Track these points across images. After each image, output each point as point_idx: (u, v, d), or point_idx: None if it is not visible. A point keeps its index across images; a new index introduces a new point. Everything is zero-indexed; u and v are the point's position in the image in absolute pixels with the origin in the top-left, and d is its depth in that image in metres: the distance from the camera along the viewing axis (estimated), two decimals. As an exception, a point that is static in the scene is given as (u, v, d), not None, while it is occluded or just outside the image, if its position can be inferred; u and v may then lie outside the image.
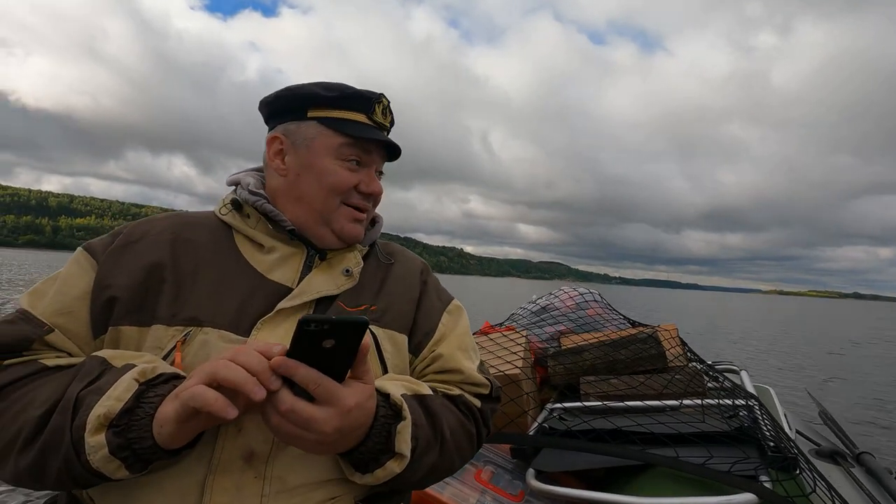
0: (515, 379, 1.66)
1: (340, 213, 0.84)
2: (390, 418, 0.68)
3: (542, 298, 2.25)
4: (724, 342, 13.89)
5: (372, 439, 0.65)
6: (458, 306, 0.97)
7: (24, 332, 0.70)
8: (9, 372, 0.67)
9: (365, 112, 0.84)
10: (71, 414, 0.60)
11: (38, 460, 0.61)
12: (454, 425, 0.79)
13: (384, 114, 0.87)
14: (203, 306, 0.73)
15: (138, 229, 0.80)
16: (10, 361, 0.68)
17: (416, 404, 0.73)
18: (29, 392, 0.65)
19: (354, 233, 0.86)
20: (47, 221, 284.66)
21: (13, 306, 2.87)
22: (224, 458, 0.65)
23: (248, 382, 0.54)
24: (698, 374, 1.69)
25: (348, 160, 0.83)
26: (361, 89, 0.86)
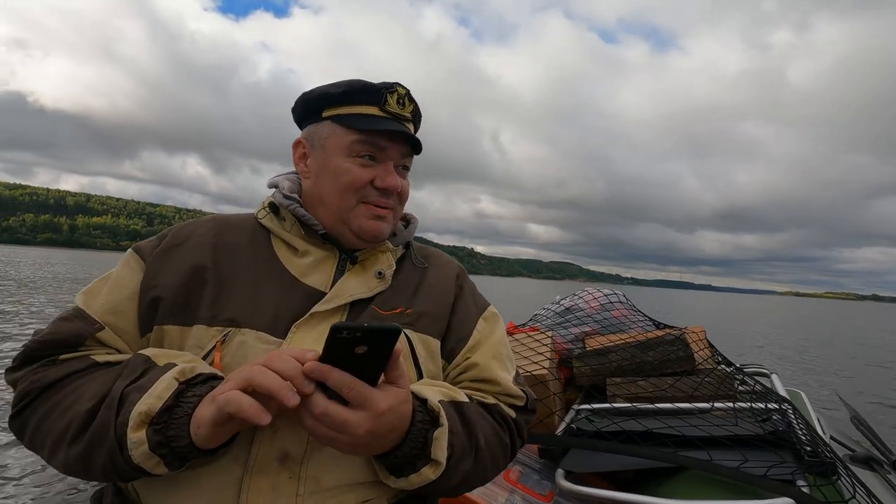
0: (542, 379, 1.65)
1: (358, 211, 0.82)
2: (427, 424, 0.68)
3: (566, 299, 2.24)
4: (744, 344, 13.68)
5: (408, 444, 0.66)
6: (494, 313, 0.95)
7: (78, 329, 0.73)
8: (63, 366, 0.70)
9: (376, 104, 0.81)
10: (115, 410, 0.63)
11: (86, 452, 0.63)
12: (489, 434, 0.79)
13: (400, 103, 0.82)
14: (241, 308, 0.75)
15: (182, 232, 0.83)
16: (65, 356, 0.71)
17: (453, 411, 0.73)
18: (80, 387, 0.68)
19: (373, 230, 0.82)
20: (65, 220, 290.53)
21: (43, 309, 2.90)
22: (260, 458, 0.67)
23: (281, 388, 0.55)
24: (728, 377, 1.67)
25: (361, 156, 0.81)
26: (374, 81, 0.83)
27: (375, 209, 0.82)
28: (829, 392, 6.33)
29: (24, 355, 0.72)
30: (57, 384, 0.69)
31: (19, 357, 0.72)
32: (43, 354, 0.72)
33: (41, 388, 0.69)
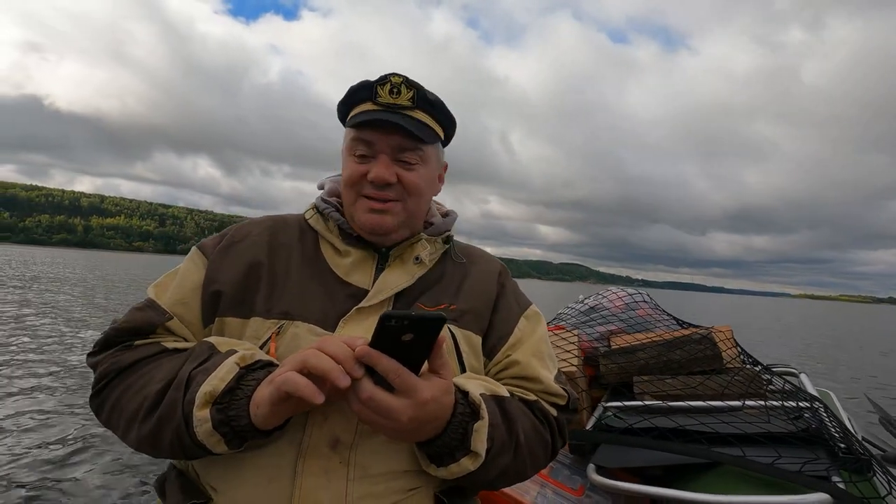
0: (571, 377, 1.67)
1: (358, 205, 0.84)
2: (468, 416, 0.70)
3: (591, 298, 2.25)
4: (766, 346, 13.52)
5: (449, 434, 0.68)
6: (536, 312, 0.96)
7: (150, 318, 0.79)
8: (138, 351, 0.76)
9: (369, 99, 0.81)
10: (183, 390, 0.67)
11: (156, 429, 0.68)
12: (529, 430, 0.80)
13: (394, 92, 0.81)
14: (293, 303, 0.79)
15: (241, 231, 0.88)
16: (139, 342, 0.77)
17: (494, 405, 0.75)
18: (151, 370, 0.73)
19: (371, 223, 0.83)
20: (79, 221, 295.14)
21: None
22: (312, 443, 0.70)
23: (333, 370, 0.58)
24: (757, 376, 1.68)
25: (358, 153, 0.83)
26: (367, 80, 0.82)
27: (371, 203, 0.82)
28: (857, 394, 6.24)
29: (104, 341, 0.78)
30: (131, 367, 0.74)
31: (99, 342, 0.79)
32: (119, 340, 0.78)
33: (118, 371, 0.74)
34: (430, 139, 0.83)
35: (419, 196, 0.85)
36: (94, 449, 3.45)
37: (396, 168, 0.82)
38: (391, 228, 0.84)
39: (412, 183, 0.83)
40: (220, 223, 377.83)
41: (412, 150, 0.82)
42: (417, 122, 0.82)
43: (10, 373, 5.43)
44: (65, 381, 4.99)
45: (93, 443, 3.53)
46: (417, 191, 0.84)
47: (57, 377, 5.12)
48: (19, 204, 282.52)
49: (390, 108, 0.80)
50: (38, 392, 4.80)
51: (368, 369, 0.60)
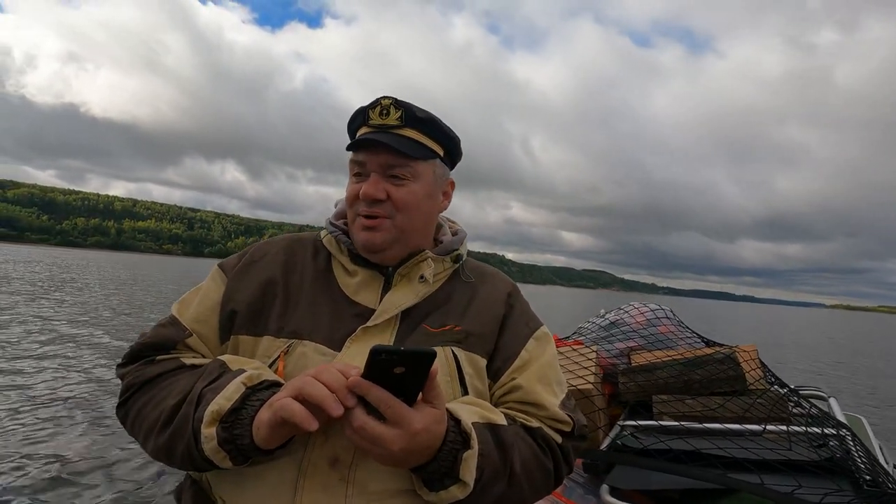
0: (588, 394, 1.66)
1: (355, 224, 0.87)
2: (458, 444, 0.70)
3: (612, 313, 2.23)
4: (793, 361, 13.04)
5: (437, 461, 0.69)
6: (545, 333, 0.94)
7: (171, 334, 0.84)
8: (159, 366, 0.80)
9: (364, 123, 0.86)
10: (194, 407, 0.71)
11: (169, 442, 0.72)
12: (528, 458, 0.79)
13: (383, 113, 0.84)
14: (303, 322, 0.82)
15: (260, 250, 0.92)
16: (161, 357, 0.82)
17: (487, 434, 0.74)
18: (170, 384, 0.77)
19: (363, 240, 0.85)
20: (112, 224, 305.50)
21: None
22: (312, 461, 0.72)
23: (327, 399, 0.61)
24: (782, 398, 1.63)
25: (354, 174, 0.87)
26: (367, 103, 0.87)
27: (364, 220, 0.85)
28: (894, 420, 5.95)
29: (130, 354, 0.84)
30: (153, 381, 0.79)
31: (127, 355, 0.84)
32: (144, 354, 0.83)
33: (141, 384, 0.79)
34: (418, 154, 0.85)
35: (409, 211, 0.86)
36: (125, 453, 3.60)
37: (386, 185, 0.84)
38: (382, 245, 0.85)
39: (401, 199, 0.84)
40: (245, 227, 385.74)
41: (401, 167, 0.84)
42: (405, 139, 0.84)
43: (57, 377, 5.66)
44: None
45: (128, 447, 3.68)
46: (407, 206, 0.85)
47: (98, 384, 5.35)
48: (57, 207, 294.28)
49: (380, 128, 0.84)
50: (78, 391, 5.00)
51: (362, 398, 0.62)
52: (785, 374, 3.88)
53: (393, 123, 0.84)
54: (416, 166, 0.85)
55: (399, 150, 0.83)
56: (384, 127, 0.84)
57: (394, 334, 0.83)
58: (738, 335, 22.31)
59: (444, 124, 0.89)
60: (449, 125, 0.90)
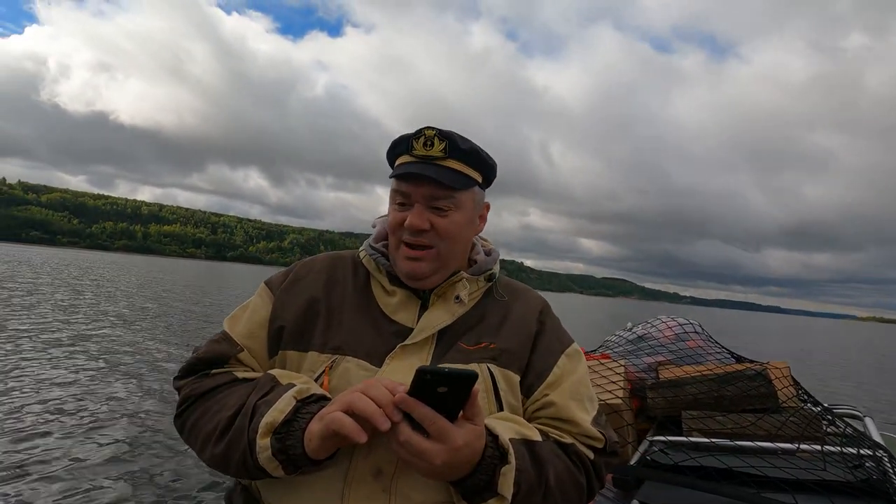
0: (616, 409, 1.66)
1: (399, 252, 0.90)
2: (496, 459, 0.73)
3: (639, 327, 2.22)
4: (826, 377, 12.61)
5: (477, 475, 0.72)
6: (577, 350, 0.97)
7: (224, 350, 0.89)
8: (214, 379, 0.86)
9: (407, 152, 0.89)
10: (249, 418, 0.75)
11: (225, 451, 0.77)
12: (562, 473, 0.81)
13: (427, 145, 0.87)
14: (346, 338, 0.86)
15: (304, 269, 0.97)
16: (215, 371, 0.87)
17: (523, 450, 0.77)
18: (224, 397, 0.82)
19: (407, 269, 0.89)
20: (139, 228, 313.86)
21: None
22: (357, 472, 0.77)
23: (375, 414, 0.65)
24: (815, 417, 1.61)
25: (397, 202, 0.90)
26: (407, 133, 0.89)
27: (408, 250, 0.88)
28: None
29: (187, 368, 0.89)
30: (208, 393, 0.84)
31: (183, 369, 0.90)
32: (199, 368, 0.88)
33: (197, 396, 0.84)
34: (461, 185, 0.88)
35: (452, 240, 0.90)
36: (178, 460, 3.78)
37: (430, 215, 0.87)
38: (426, 273, 0.89)
39: (444, 229, 0.88)
40: (266, 232, 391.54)
41: (444, 199, 0.87)
42: (449, 170, 0.87)
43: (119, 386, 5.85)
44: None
45: (181, 454, 3.85)
46: (450, 236, 0.89)
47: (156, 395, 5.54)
48: (88, 211, 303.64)
49: (424, 159, 0.87)
50: (139, 400, 5.17)
51: (407, 414, 0.66)
52: (816, 390, 3.76)
53: (437, 155, 0.87)
54: (459, 196, 0.89)
55: (444, 184, 0.86)
56: (428, 158, 0.87)
57: (431, 352, 0.87)
58: (765, 347, 21.73)
59: (484, 152, 0.92)
60: (475, 139, 0.92)
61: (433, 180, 0.85)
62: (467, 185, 0.90)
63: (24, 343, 7.38)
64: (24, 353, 6.77)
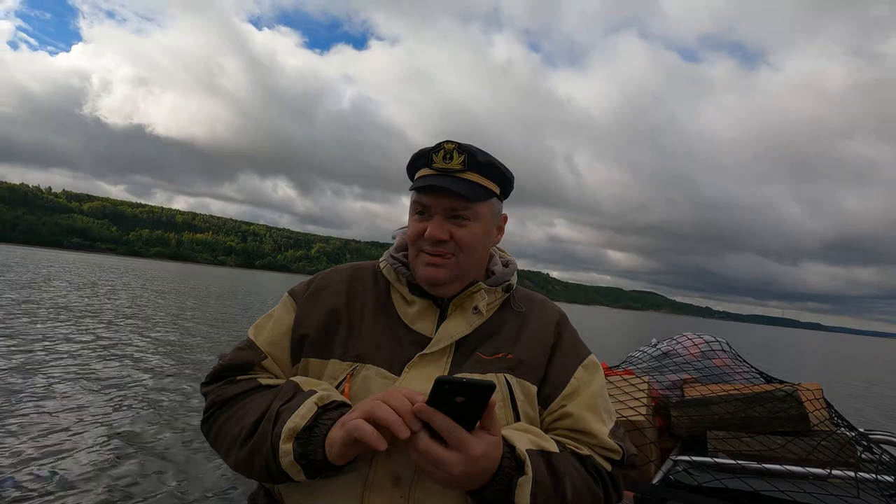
0: (639, 426, 1.63)
1: (418, 260, 0.93)
2: (513, 470, 0.74)
3: (664, 343, 2.18)
4: (867, 399, 12.01)
5: (494, 486, 0.73)
6: (594, 362, 0.98)
7: (249, 357, 0.92)
8: (239, 385, 0.89)
9: (427, 165, 0.92)
10: (272, 424, 0.78)
11: (249, 456, 0.79)
12: (579, 485, 0.82)
13: (447, 158, 0.90)
14: (366, 347, 0.89)
15: (325, 279, 1.00)
16: (240, 378, 0.91)
17: (540, 461, 0.78)
18: (249, 402, 0.85)
19: (427, 275, 0.91)
20: (173, 236, 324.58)
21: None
22: (377, 478, 0.78)
23: (395, 422, 0.67)
24: (849, 442, 1.55)
25: (417, 213, 0.93)
26: (427, 147, 0.93)
27: (428, 257, 0.91)
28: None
29: (213, 374, 0.93)
30: (233, 399, 0.87)
31: (210, 375, 0.93)
32: (224, 375, 0.92)
33: (223, 402, 0.88)
34: (480, 197, 0.91)
35: (471, 250, 0.93)
36: (205, 464, 3.89)
37: (450, 226, 0.90)
38: (445, 280, 0.91)
39: (464, 239, 0.91)
40: (294, 240, 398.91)
41: (463, 210, 0.90)
42: (467, 182, 0.90)
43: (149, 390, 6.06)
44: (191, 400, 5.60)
45: (208, 457, 3.97)
46: (469, 246, 0.92)
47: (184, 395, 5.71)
48: (126, 219, 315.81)
49: (444, 172, 0.90)
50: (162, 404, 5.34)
51: (426, 423, 0.68)
52: (856, 414, 3.49)
53: (456, 168, 0.90)
54: (477, 207, 0.92)
55: (462, 195, 0.88)
56: (447, 171, 0.90)
57: (449, 362, 0.88)
58: (803, 366, 20.84)
59: (502, 165, 0.95)
60: (497, 156, 0.95)
61: (452, 192, 0.88)
62: (485, 197, 0.92)
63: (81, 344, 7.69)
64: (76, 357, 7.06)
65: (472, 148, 0.91)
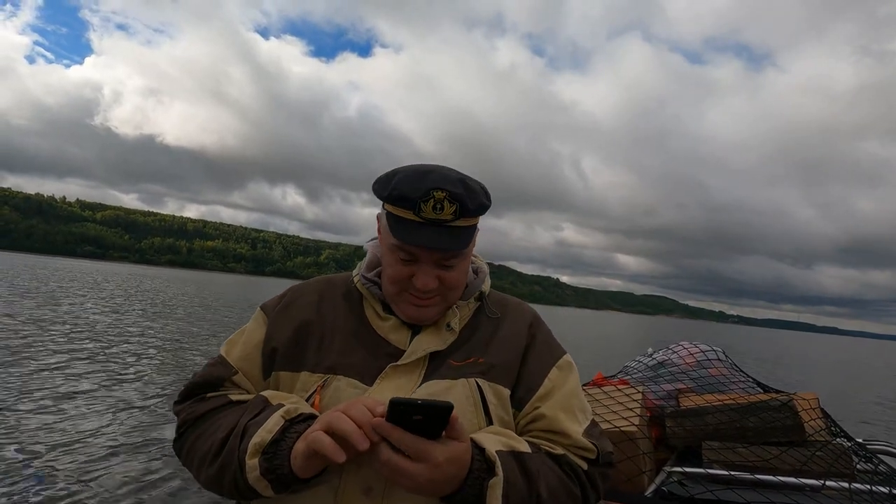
0: (631, 436, 1.63)
1: (401, 299, 0.90)
2: (483, 473, 0.73)
3: (660, 353, 2.17)
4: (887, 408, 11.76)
5: (465, 490, 0.72)
6: (569, 362, 0.96)
7: (220, 373, 0.92)
8: (209, 402, 0.89)
9: (412, 210, 0.82)
10: (240, 439, 0.78)
11: (218, 472, 0.79)
12: (554, 485, 0.80)
13: (437, 208, 0.82)
14: (338, 358, 0.88)
15: (297, 292, 1.00)
16: (210, 395, 0.91)
17: (512, 461, 0.77)
18: (219, 419, 0.85)
19: (417, 317, 0.89)
20: (184, 243, 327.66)
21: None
22: (347, 489, 0.77)
23: (353, 433, 0.67)
24: (845, 452, 1.53)
25: (401, 257, 0.87)
26: (409, 184, 0.82)
27: (415, 299, 0.88)
28: None
29: (185, 392, 0.93)
30: (204, 416, 0.87)
31: (181, 393, 0.93)
32: (196, 392, 0.92)
33: (194, 419, 0.88)
34: (471, 240, 0.88)
35: (458, 287, 0.91)
36: (179, 482, 3.83)
37: (438, 271, 0.87)
38: (432, 318, 0.91)
39: (452, 281, 0.89)
40: (304, 247, 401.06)
41: (454, 257, 0.87)
42: (459, 231, 0.85)
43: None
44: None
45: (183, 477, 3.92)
46: (457, 285, 0.91)
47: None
48: (138, 228, 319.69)
49: (433, 223, 0.83)
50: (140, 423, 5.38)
51: None
52: (869, 425, 3.35)
53: (447, 218, 0.83)
54: (465, 250, 0.88)
55: (461, 245, 0.85)
56: (437, 222, 0.83)
57: (422, 372, 0.88)
58: (821, 373, 20.45)
59: (486, 194, 0.89)
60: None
61: (450, 245, 0.84)
62: (473, 235, 0.89)
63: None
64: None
65: (463, 195, 0.83)
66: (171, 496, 3.53)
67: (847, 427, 1.89)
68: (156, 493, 3.53)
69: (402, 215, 0.84)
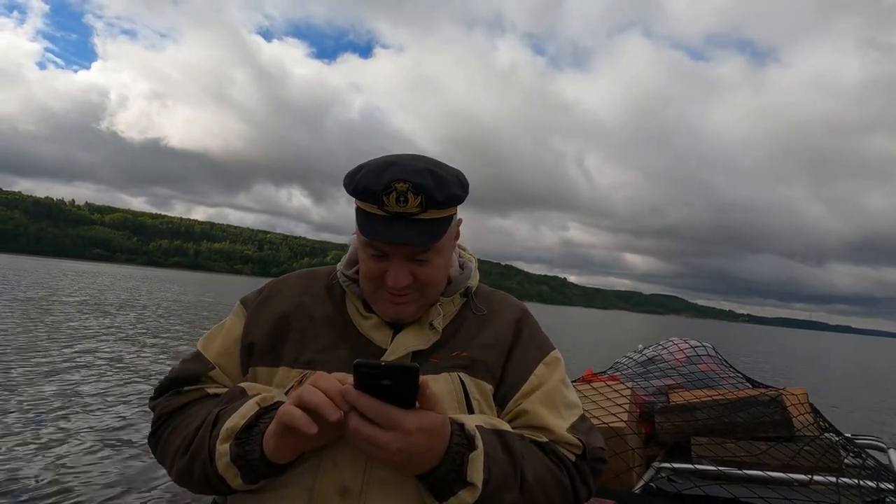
0: (620, 433, 1.63)
1: (377, 296, 0.87)
2: (464, 447, 0.70)
3: (650, 349, 2.16)
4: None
5: (444, 465, 0.69)
6: (556, 358, 0.93)
7: (196, 368, 0.90)
8: (185, 396, 0.88)
9: (376, 203, 0.80)
10: (212, 427, 0.76)
11: (189, 464, 0.77)
12: (541, 471, 0.78)
13: (401, 201, 0.78)
14: (318, 354, 0.86)
15: (276, 287, 0.98)
16: (187, 389, 0.89)
17: (493, 437, 0.75)
18: (193, 412, 0.83)
19: (394, 314, 0.87)
20: (191, 246, 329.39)
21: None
22: (322, 489, 0.75)
23: (323, 404, 0.65)
24: (833, 447, 1.52)
25: (371, 254, 0.84)
26: (371, 177, 0.80)
27: (391, 297, 0.86)
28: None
29: (160, 387, 0.91)
30: (179, 410, 0.86)
31: (157, 389, 0.92)
32: (171, 387, 0.90)
33: (168, 414, 0.86)
34: (443, 232, 0.83)
35: (436, 283, 0.89)
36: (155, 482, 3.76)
37: (411, 266, 0.84)
38: (413, 316, 0.88)
39: (428, 277, 0.86)
40: (310, 248, 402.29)
41: (425, 252, 0.84)
42: (428, 224, 0.81)
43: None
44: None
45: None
46: (434, 281, 0.87)
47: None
48: (146, 230, 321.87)
49: (399, 216, 0.79)
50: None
51: None
52: (880, 425, 3.25)
53: (413, 211, 0.79)
54: (439, 243, 0.84)
55: (432, 238, 0.81)
56: (402, 215, 0.79)
57: None
58: (830, 372, 20.20)
59: (459, 182, 0.86)
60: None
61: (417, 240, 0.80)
62: (447, 227, 0.84)
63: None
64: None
65: (429, 185, 0.79)
66: (171, 496, 3.55)
67: (862, 429, 1.87)
68: (156, 493, 3.55)
69: (368, 210, 0.82)
